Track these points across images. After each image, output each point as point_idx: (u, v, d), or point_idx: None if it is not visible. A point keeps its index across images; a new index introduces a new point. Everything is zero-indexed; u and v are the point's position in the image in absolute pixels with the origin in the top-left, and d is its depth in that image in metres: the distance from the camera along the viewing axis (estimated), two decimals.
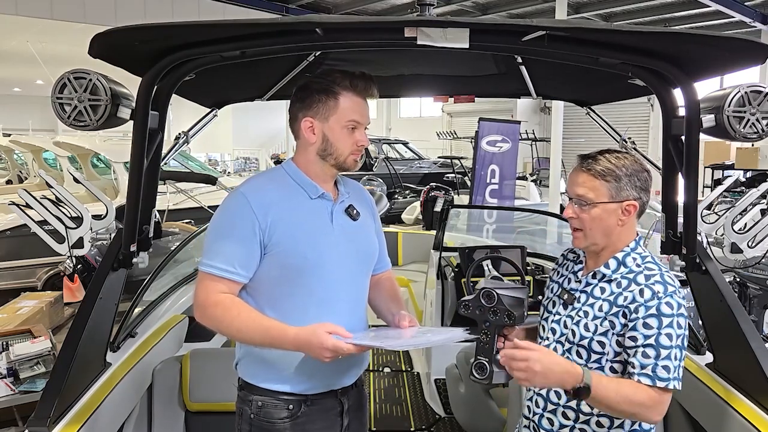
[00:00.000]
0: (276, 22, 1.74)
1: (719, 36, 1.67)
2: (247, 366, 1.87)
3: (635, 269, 1.70)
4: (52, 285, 7.07)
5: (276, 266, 1.77)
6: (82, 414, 1.97)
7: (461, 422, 3.54)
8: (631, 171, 1.69)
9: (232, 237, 1.75)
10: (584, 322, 1.71)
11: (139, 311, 2.88)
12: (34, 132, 18.81)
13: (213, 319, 1.74)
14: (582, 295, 1.76)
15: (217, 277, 1.74)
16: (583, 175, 1.71)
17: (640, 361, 1.59)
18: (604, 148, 1.76)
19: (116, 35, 1.67)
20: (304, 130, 1.81)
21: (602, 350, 1.68)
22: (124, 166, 8.38)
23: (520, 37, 1.77)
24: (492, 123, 9.29)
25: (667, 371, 1.57)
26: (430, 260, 5.04)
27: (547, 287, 1.96)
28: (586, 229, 1.71)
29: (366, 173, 14.98)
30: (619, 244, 1.74)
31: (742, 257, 2.94)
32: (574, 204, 1.71)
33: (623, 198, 1.68)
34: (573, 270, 1.85)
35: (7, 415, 3.62)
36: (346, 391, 1.91)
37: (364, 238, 1.94)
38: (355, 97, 1.80)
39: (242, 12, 15.21)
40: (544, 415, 1.79)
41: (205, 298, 1.74)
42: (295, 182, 1.84)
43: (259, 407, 1.82)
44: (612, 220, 1.69)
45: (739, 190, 9.94)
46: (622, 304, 1.65)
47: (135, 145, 2.02)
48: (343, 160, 1.82)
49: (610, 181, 1.68)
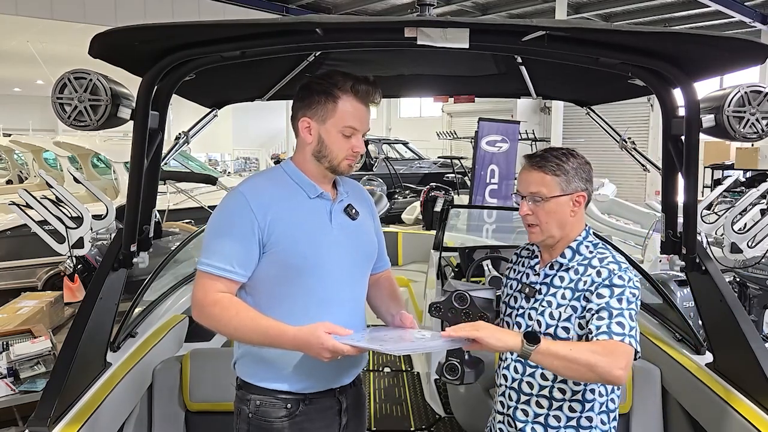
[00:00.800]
0: (276, 22, 1.74)
1: (719, 36, 1.67)
2: (245, 365, 1.87)
3: (588, 255, 1.80)
4: (53, 285, 7.07)
5: (275, 266, 1.76)
6: (82, 414, 1.98)
7: (461, 422, 3.55)
8: (577, 164, 1.80)
9: (230, 236, 1.74)
10: (549, 311, 1.79)
11: (139, 311, 2.88)
12: (35, 132, 18.82)
13: (211, 318, 1.73)
14: (543, 287, 1.84)
15: (215, 276, 1.73)
16: (534, 173, 1.80)
17: (595, 324, 1.66)
18: (547, 147, 1.87)
19: (116, 35, 1.67)
20: (301, 129, 1.81)
21: (567, 335, 1.75)
22: (124, 166, 8.38)
23: (520, 37, 1.77)
24: (492, 123, 9.27)
25: (621, 327, 1.63)
26: (430, 260, 5.04)
27: (504, 285, 2.01)
28: (542, 224, 1.80)
29: (366, 173, 14.98)
30: (572, 235, 1.83)
31: (742, 257, 2.94)
32: (528, 201, 1.80)
33: (573, 190, 1.79)
34: (530, 265, 1.92)
35: (8, 415, 3.62)
36: (344, 390, 1.90)
37: (363, 238, 1.93)
38: (356, 102, 1.78)
39: (242, 12, 15.22)
40: (518, 407, 1.85)
41: (203, 296, 1.73)
42: (294, 182, 1.83)
43: (257, 406, 1.81)
44: (565, 211, 1.79)
45: (739, 190, 9.94)
46: (582, 288, 1.75)
47: (135, 145, 2.02)
48: (337, 164, 1.81)
49: (559, 176, 1.77)
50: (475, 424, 3.42)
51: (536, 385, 1.81)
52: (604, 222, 10.00)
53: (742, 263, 4.11)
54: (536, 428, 1.82)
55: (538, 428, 1.81)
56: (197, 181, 8.25)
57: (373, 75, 1.77)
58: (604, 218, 10.22)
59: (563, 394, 1.79)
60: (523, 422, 1.83)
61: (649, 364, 2.60)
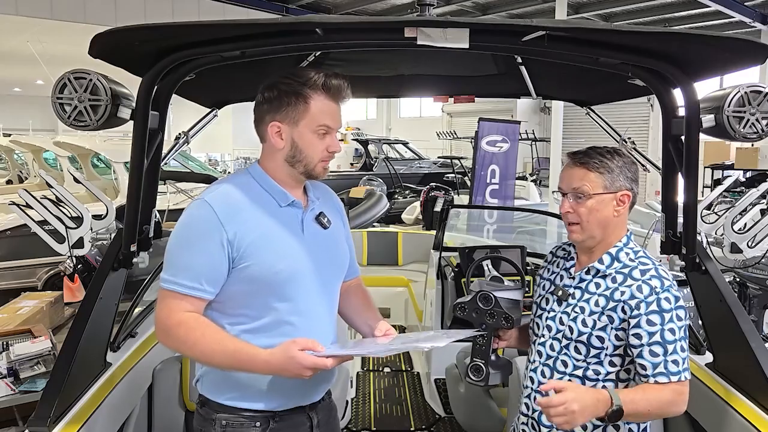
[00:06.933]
0: (276, 22, 1.74)
1: (719, 36, 1.67)
2: (211, 383, 1.75)
3: (629, 264, 1.74)
4: (53, 285, 7.06)
5: (245, 281, 1.64)
6: (82, 414, 1.97)
7: (461, 422, 3.55)
8: (622, 163, 1.75)
9: (197, 250, 1.61)
10: (581, 318, 1.73)
11: (139, 311, 2.87)
12: (35, 132, 18.80)
13: (176, 340, 1.61)
14: (576, 291, 1.78)
15: (181, 295, 1.60)
16: (578, 170, 1.75)
17: (650, 362, 1.63)
18: (592, 146, 1.80)
19: (116, 35, 1.67)
20: (271, 135, 1.69)
21: (601, 345, 1.71)
22: (124, 166, 8.38)
23: (519, 37, 1.77)
24: (492, 123, 9.27)
25: (676, 365, 1.63)
26: (430, 260, 5.04)
27: (537, 285, 1.97)
28: (583, 222, 1.74)
29: (366, 173, 14.99)
30: (612, 239, 1.77)
31: (742, 257, 2.94)
32: (570, 198, 1.75)
33: (617, 188, 1.73)
34: (564, 267, 1.87)
35: (8, 415, 3.61)
36: (314, 405, 1.82)
37: (336, 247, 1.84)
38: (327, 100, 1.68)
39: (242, 12, 15.22)
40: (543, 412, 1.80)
41: (167, 317, 1.61)
42: (263, 189, 1.72)
43: (224, 426, 1.71)
44: (608, 211, 1.73)
45: (739, 190, 9.94)
46: (619, 299, 1.69)
47: (135, 145, 2.02)
48: (312, 167, 1.71)
49: (603, 173, 1.72)
50: (475, 424, 3.42)
51: None
52: None
53: (742, 263, 4.12)
54: None
55: None
56: (197, 181, 8.26)
57: (373, 75, 1.77)
58: None
59: None
60: (548, 427, 1.78)
61: None
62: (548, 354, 1.81)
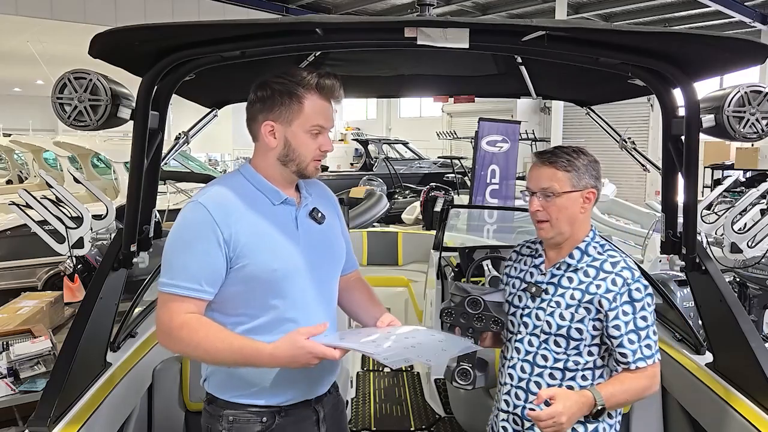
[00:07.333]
0: (276, 22, 1.74)
1: (719, 36, 1.67)
2: (217, 381, 1.77)
3: (598, 257, 1.83)
4: (53, 285, 7.07)
5: (242, 280, 1.65)
6: (82, 414, 1.97)
7: (461, 422, 3.54)
8: (587, 161, 1.83)
9: (194, 252, 1.62)
10: (558, 312, 1.80)
11: (139, 311, 2.87)
12: (35, 132, 18.79)
13: (179, 342, 1.62)
14: (550, 287, 1.84)
15: (181, 297, 1.61)
16: (546, 169, 1.81)
17: (630, 349, 1.75)
18: (556, 146, 1.89)
19: (116, 35, 1.67)
20: (264, 134, 1.69)
21: (580, 336, 1.78)
22: (124, 166, 8.38)
23: (519, 37, 1.77)
24: (492, 123, 9.26)
25: (649, 348, 1.76)
26: (430, 260, 5.04)
27: (505, 284, 2.00)
28: (552, 220, 1.81)
29: (366, 173, 14.99)
30: (579, 234, 1.85)
31: (742, 257, 2.95)
32: (539, 197, 1.81)
33: (584, 186, 1.81)
34: (534, 264, 1.92)
35: (8, 415, 3.62)
36: (320, 399, 1.83)
37: (331, 242, 1.85)
38: (320, 100, 1.69)
39: (242, 12, 15.22)
40: (526, 406, 1.85)
41: (169, 320, 1.62)
42: (256, 188, 1.73)
43: (231, 422, 1.73)
44: (575, 208, 1.81)
45: (739, 190, 9.94)
46: (595, 292, 1.78)
47: (135, 145, 2.02)
48: (304, 167, 1.72)
49: (571, 171, 1.79)
50: (475, 424, 3.42)
51: (544, 384, 1.82)
52: (604, 222, 10.00)
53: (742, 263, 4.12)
54: None
55: None
56: (197, 181, 8.26)
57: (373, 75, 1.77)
58: (604, 218, 10.22)
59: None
60: (531, 420, 1.81)
61: None
62: (527, 350, 1.86)
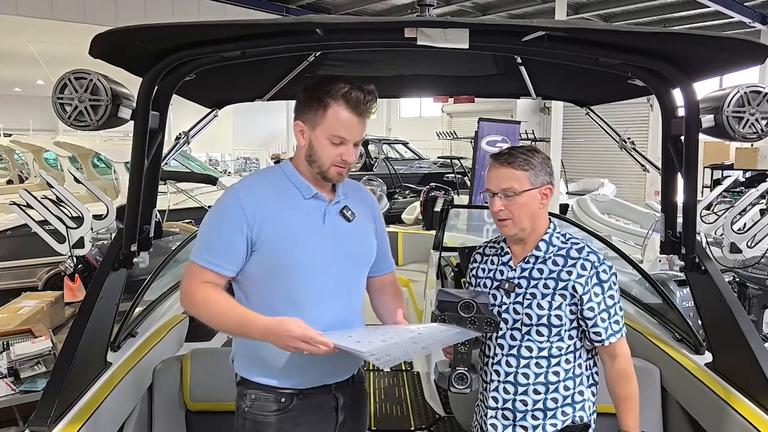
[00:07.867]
0: (276, 22, 1.74)
1: (719, 36, 1.68)
2: (241, 361, 1.89)
3: (563, 246, 1.90)
4: (53, 285, 7.07)
5: (263, 264, 1.78)
6: (82, 414, 1.98)
7: (461, 422, 3.54)
8: (542, 159, 1.89)
9: (219, 232, 1.78)
10: (536, 303, 1.86)
11: (139, 311, 2.88)
12: (35, 132, 18.81)
13: (195, 305, 1.78)
14: (522, 281, 1.90)
15: (202, 267, 1.77)
16: (505, 170, 1.87)
17: (602, 327, 1.86)
18: (510, 146, 1.96)
19: (117, 35, 1.67)
20: (296, 132, 1.84)
21: (560, 322, 1.85)
22: (124, 166, 8.38)
23: (519, 37, 1.78)
24: (492, 123, 9.27)
25: (617, 324, 1.88)
26: (430, 260, 5.04)
27: (474, 286, 2.03)
28: (514, 218, 1.87)
29: (366, 173, 14.98)
30: (540, 228, 1.92)
31: (742, 257, 2.95)
32: (500, 197, 1.87)
33: (541, 183, 1.88)
34: (502, 261, 1.97)
35: (8, 415, 3.62)
36: (340, 386, 1.89)
37: (358, 240, 1.91)
38: (346, 111, 1.75)
39: (242, 12, 15.20)
40: (516, 398, 1.90)
41: (188, 284, 1.79)
42: (290, 182, 1.85)
43: (252, 400, 1.84)
44: (535, 204, 1.88)
45: (739, 190, 9.94)
46: (567, 278, 1.85)
47: (135, 145, 2.03)
48: (325, 170, 1.81)
49: (528, 170, 1.86)
50: None
51: (532, 374, 1.87)
52: (604, 222, 10.01)
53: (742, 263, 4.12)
54: (536, 414, 1.87)
55: (538, 414, 1.87)
56: (197, 181, 8.26)
57: (373, 75, 1.78)
58: (604, 218, 10.23)
59: (558, 377, 1.87)
60: (522, 412, 1.88)
61: (648, 364, 2.59)
62: (510, 344, 1.90)
